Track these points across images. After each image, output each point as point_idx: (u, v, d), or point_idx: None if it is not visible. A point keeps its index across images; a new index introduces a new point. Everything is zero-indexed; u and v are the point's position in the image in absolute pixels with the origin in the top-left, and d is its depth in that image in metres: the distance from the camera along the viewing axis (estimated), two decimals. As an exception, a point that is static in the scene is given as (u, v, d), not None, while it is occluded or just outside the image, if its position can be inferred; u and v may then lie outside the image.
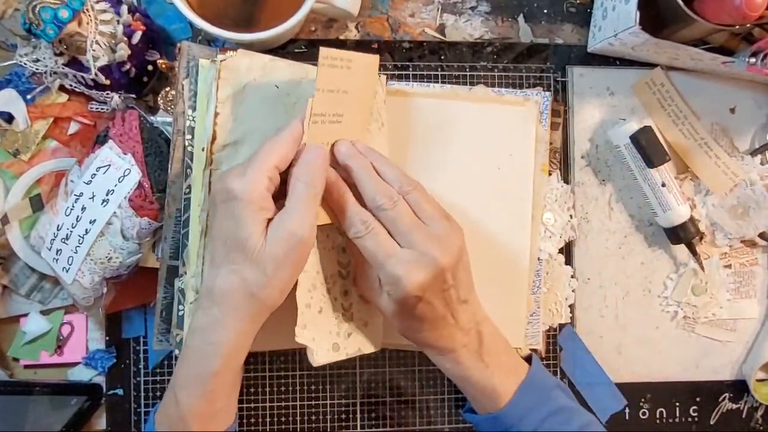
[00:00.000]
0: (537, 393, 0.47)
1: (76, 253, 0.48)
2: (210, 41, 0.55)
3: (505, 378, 0.47)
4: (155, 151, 0.49)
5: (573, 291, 0.58)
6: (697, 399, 0.60)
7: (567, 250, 0.58)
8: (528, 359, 0.49)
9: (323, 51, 0.41)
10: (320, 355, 0.45)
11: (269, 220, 0.40)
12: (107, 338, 0.55)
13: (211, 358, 0.40)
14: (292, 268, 0.40)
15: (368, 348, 0.49)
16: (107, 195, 0.48)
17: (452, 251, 0.43)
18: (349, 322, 0.48)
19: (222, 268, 0.39)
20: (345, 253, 0.48)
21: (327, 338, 0.46)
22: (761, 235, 0.59)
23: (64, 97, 0.54)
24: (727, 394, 0.60)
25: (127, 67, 0.51)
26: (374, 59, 0.46)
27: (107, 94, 0.52)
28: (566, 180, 0.58)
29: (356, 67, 0.44)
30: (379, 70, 0.56)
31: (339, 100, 0.44)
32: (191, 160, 0.47)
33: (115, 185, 0.48)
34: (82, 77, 0.50)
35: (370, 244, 0.42)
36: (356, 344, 0.48)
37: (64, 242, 0.48)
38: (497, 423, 0.46)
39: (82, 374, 0.55)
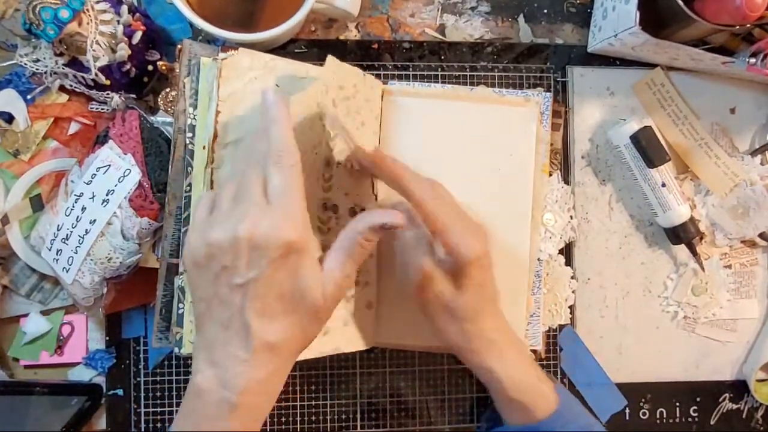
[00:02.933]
0: (572, 406, 0.48)
1: (76, 253, 0.48)
2: (210, 41, 0.55)
3: (548, 387, 0.47)
4: (155, 151, 0.49)
5: (573, 291, 0.58)
6: (698, 399, 0.60)
7: (567, 251, 0.58)
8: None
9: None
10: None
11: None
12: (107, 338, 0.55)
13: (265, 409, 0.40)
14: None
15: (348, 347, 0.50)
16: (107, 195, 0.48)
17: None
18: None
19: (281, 321, 0.38)
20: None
21: None
22: (761, 236, 0.59)
23: (64, 98, 0.54)
24: (727, 395, 0.60)
25: (128, 67, 0.51)
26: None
27: (107, 94, 0.52)
28: (566, 180, 0.58)
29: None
30: (379, 69, 0.57)
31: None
32: (192, 158, 0.47)
33: (116, 185, 0.48)
34: (83, 77, 0.50)
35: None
36: (333, 343, 0.49)
37: (64, 242, 0.48)
38: None
39: (82, 374, 0.55)
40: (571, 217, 0.58)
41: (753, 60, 0.50)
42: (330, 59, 0.48)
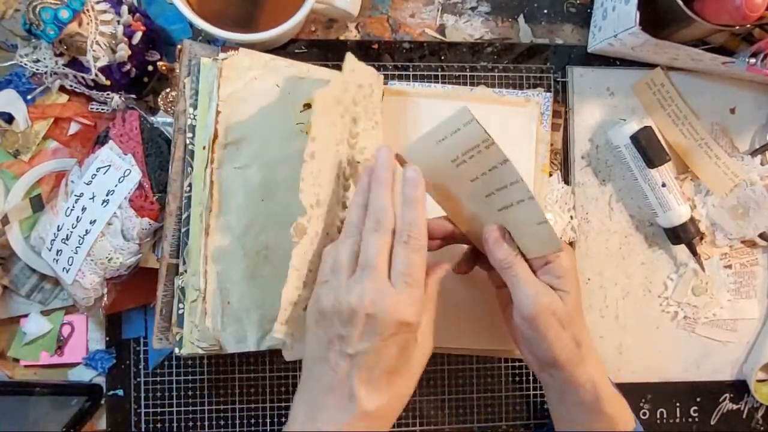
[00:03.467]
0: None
1: (76, 253, 0.48)
2: (210, 41, 0.55)
3: (627, 410, 0.47)
4: (155, 152, 0.49)
5: (573, 291, 0.58)
6: (698, 399, 0.60)
7: (567, 251, 0.58)
8: None
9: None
10: (298, 351, 0.45)
11: None
12: (107, 339, 0.55)
13: None
14: None
15: None
16: (107, 195, 0.48)
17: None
18: None
19: (385, 392, 0.40)
20: None
21: None
22: (761, 236, 0.59)
23: (64, 98, 0.54)
24: (727, 395, 0.60)
25: (128, 67, 0.51)
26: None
27: (107, 94, 0.52)
28: (566, 181, 0.58)
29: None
30: (379, 69, 0.57)
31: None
32: (192, 158, 0.47)
33: (116, 186, 0.48)
34: (83, 78, 0.50)
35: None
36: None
37: (64, 243, 0.48)
38: None
39: (83, 375, 0.55)
40: (572, 217, 0.58)
41: (753, 60, 0.50)
42: (349, 57, 0.48)
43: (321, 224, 0.45)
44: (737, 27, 0.49)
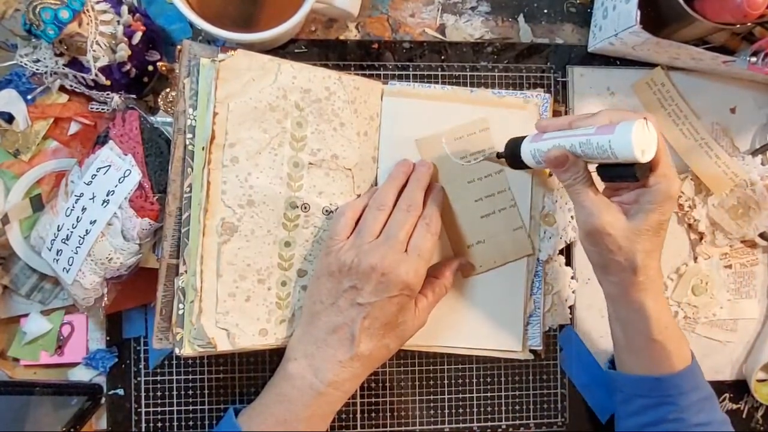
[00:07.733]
0: (699, 371, 0.50)
1: (76, 253, 0.48)
2: (210, 41, 0.55)
3: (686, 344, 0.49)
4: (155, 152, 0.49)
5: (573, 292, 0.58)
6: (698, 399, 0.60)
7: (567, 251, 0.58)
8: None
9: None
10: (243, 339, 0.48)
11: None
12: (108, 338, 0.55)
13: (339, 404, 0.48)
14: None
15: None
16: (107, 195, 0.48)
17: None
18: (283, 309, 0.50)
19: (378, 341, 0.47)
20: (288, 248, 0.49)
21: (253, 324, 0.48)
22: (761, 235, 0.59)
23: (64, 98, 0.54)
24: (727, 395, 0.60)
25: (128, 67, 0.51)
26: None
27: (107, 94, 0.52)
28: (566, 180, 0.58)
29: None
30: (379, 69, 0.57)
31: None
32: (192, 158, 0.47)
33: (116, 186, 0.48)
34: (83, 78, 0.50)
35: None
36: (290, 330, 0.50)
37: (64, 243, 0.48)
38: (659, 386, 0.48)
39: (83, 374, 0.55)
40: (572, 217, 0.58)
41: (754, 59, 0.50)
42: (288, 65, 0.49)
43: (260, 222, 0.48)
44: (738, 25, 0.49)
